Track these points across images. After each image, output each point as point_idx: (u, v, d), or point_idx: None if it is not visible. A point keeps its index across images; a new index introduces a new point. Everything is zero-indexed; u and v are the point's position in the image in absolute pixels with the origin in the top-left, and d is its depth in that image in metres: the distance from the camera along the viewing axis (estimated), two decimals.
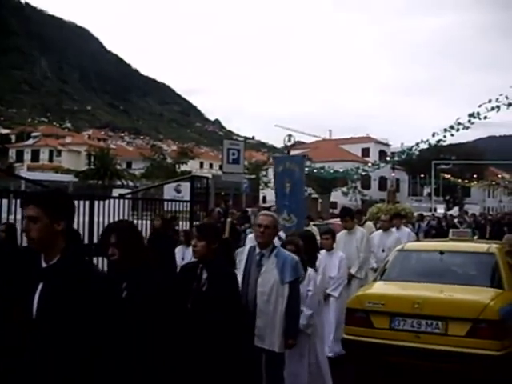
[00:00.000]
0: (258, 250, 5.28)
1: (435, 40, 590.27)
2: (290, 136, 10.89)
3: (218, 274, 4.59)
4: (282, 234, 11.21)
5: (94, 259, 7.14)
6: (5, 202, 10.83)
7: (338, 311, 7.68)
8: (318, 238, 12.56)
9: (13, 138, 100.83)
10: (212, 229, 4.89)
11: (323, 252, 7.76)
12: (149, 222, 12.80)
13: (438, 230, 22.22)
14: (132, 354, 3.25)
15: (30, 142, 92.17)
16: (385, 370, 6.40)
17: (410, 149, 23.71)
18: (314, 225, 18.32)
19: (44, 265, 2.79)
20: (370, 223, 13.33)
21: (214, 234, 4.75)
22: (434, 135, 18.95)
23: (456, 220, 26.67)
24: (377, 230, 12.01)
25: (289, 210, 9.72)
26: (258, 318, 5.02)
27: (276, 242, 10.17)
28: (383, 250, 10.02)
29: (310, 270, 5.93)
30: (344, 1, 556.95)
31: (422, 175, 66.94)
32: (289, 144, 10.95)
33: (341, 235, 9.22)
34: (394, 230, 11.51)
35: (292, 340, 5.19)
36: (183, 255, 10.13)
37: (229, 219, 9.52)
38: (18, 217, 9.98)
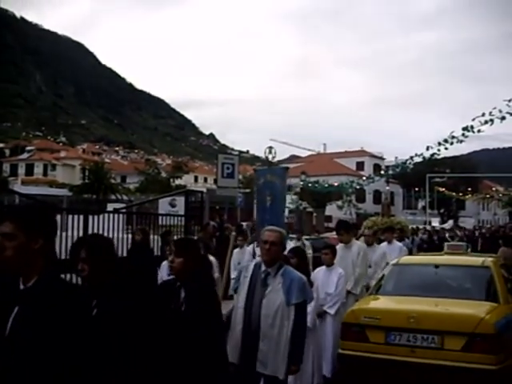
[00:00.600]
0: (263, 268, 4.92)
1: (427, 55, 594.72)
2: (270, 148, 10.53)
3: (196, 294, 4.23)
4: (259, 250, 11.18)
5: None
6: None
7: (336, 329, 7.28)
8: (310, 252, 12.59)
9: (7, 152, 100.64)
10: (191, 245, 4.59)
11: (323, 268, 7.64)
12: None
13: (429, 243, 22.22)
14: (104, 375, 2.94)
15: (25, 156, 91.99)
16: None
17: (405, 162, 23.69)
18: (309, 239, 18.34)
19: (21, 286, 2.56)
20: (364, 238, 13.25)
21: (192, 251, 4.45)
22: (428, 149, 18.90)
23: (447, 234, 26.68)
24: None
25: (269, 224, 9.46)
26: (261, 342, 4.70)
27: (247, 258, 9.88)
28: (370, 266, 9.67)
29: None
30: (340, 19, 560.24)
31: (417, 188, 67.11)
32: (270, 156, 10.59)
33: (338, 250, 8.68)
34: (383, 244, 11.53)
35: (295, 366, 4.90)
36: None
37: (233, 233, 9.36)
38: None
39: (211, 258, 10.24)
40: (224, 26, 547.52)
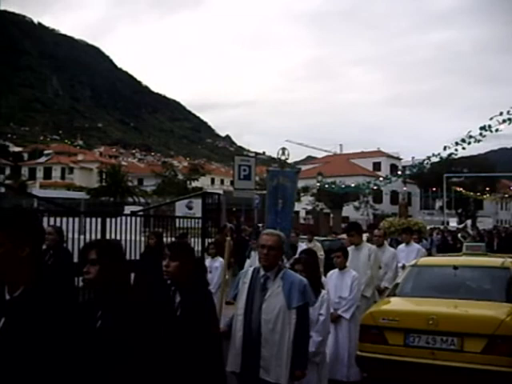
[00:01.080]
0: (262, 273, 4.76)
1: (442, 54, 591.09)
2: (284, 149, 10.25)
3: (192, 298, 4.13)
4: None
5: None
6: None
7: (351, 333, 7.17)
8: (322, 253, 12.52)
9: (25, 155, 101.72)
10: (186, 248, 4.46)
11: (335, 271, 7.52)
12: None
13: (444, 244, 22.07)
14: None
15: (43, 159, 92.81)
16: None
17: (422, 162, 23.57)
18: (326, 240, 18.30)
19: (7, 296, 2.40)
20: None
21: (187, 254, 4.32)
22: (445, 148, 18.82)
23: (460, 234, 26.45)
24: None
25: (280, 228, 8.92)
26: (262, 348, 4.53)
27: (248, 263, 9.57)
28: (380, 267, 9.54)
29: (323, 292, 5.70)
30: (354, 19, 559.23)
31: (434, 188, 66.68)
32: (283, 158, 10.32)
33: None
34: (401, 246, 11.46)
35: (300, 371, 4.70)
36: (210, 268, 10.40)
37: (228, 238, 8.83)
38: None
39: (221, 259, 10.26)
40: (238, 28, 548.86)
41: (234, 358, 4.62)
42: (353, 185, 35.31)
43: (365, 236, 12.12)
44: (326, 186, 40.61)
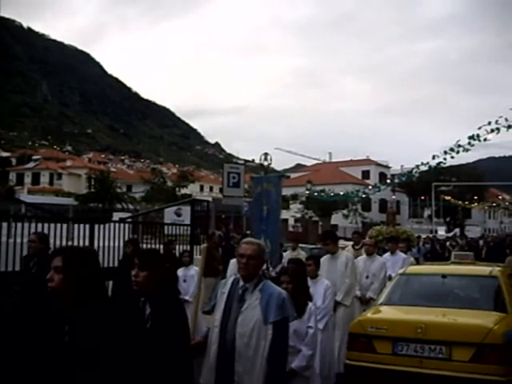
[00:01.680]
0: (241, 283, 4.51)
1: (431, 63, 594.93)
2: (266, 154, 10.12)
3: (162, 309, 3.90)
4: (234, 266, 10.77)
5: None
6: (5, 225, 10.84)
7: (324, 345, 6.71)
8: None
9: (13, 161, 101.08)
10: (155, 257, 4.23)
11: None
12: (149, 245, 12.76)
13: (432, 253, 22.11)
14: None
15: (31, 165, 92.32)
16: None
17: (411, 171, 23.71)
18: (315, 248, 18.28)
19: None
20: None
21: (157, 263, 4.09)
22: (434, 158, 18.92)
23: (448, 243, 26.53)
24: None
25: (265, 235, 8.95)
26: (236, 363, 4.29)
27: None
28: (367, 277, 9.53)
29: (310, 304, 5.43)
30: (344, 28, 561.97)
31: (423, 197, 67.00)
32: (265, 163, 10.16)
33: (324, 260, 8.36)
34: (386, 254, 11.28)
35: None
36: (184, 277, 10.21)
37: (204, 245, 8.90)
38: (18, 240, 9.98)
39: (195, 267, 10.07)
40: (228, 35, 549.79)
41: (208, 372, 4.42)
42: (342, 193, 35.42)
43: (350, 243, 12.09)
44: (315, 193, 40.72)
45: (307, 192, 41.81)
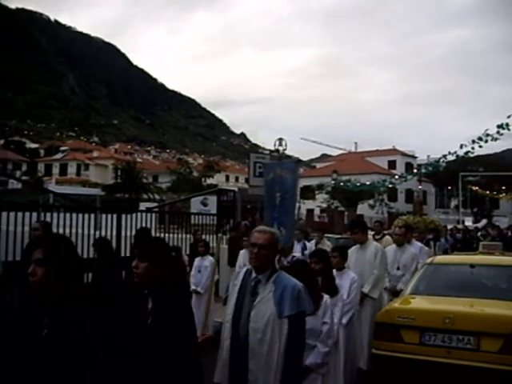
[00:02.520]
0: (253, 275, 4.21)
1: (457, 52, 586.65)
2: (280, 140, 9.81)
3: (165, 304, 3.53)
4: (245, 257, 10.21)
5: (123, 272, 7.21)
6: (34, 215, 10.99)
7: (347, 341, 6.51)
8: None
9: (41, 152, 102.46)
10: (157, 246, 3.80)
11: (333, 271, 6.60)
12: (176, 235, 12.85)
13: (463, 243, 21.83)
14: None
15: (59, 156, 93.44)
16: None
17: (438, 161, 23.49)
18: (340, 238, 18.21)
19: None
20: (388, 237, 11.90)
21: (159, 253, 3.70)
22: (461, 147, 18.73)
23: (479, 233, 26.21)
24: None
25: (278, 222, 8.66)
26: (250, 360, 4.00)
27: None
28: (398, 268, 9.08)
29: (325, 297, 5.10)
30: (370, 17, 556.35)
31: (450, 187, 66.33)
32: (280, 148, 9.87)
33: (352, 250, 8.13)
34: (407, 244, 10.16)
35: None
36: (199, 267, 10.16)
37: (220, 235, 8.62)
38: None
39: (210, 257, 9.89)
40: (253, 26, 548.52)
41: (221, 370, 4.16)
42: (368, 183, 35.26)
43: (372, 232, 11.78)
44: (341, 183, 40.56)
45: (333, 182, 41.66)
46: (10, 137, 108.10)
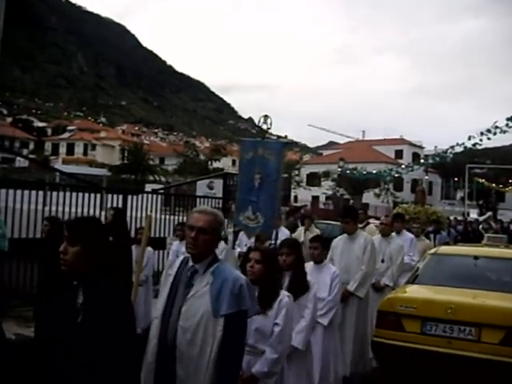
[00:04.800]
0: (190, 264, 3.52)
1: (470, 45, 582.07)
2: (266, 117, 8.57)
3: (100, 299, 2.85)
4: (243, 237, 9.72)
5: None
6: (41, 193, 11.05)
7: (328, 344, 5.78)
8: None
9: (49, 131, 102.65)
10: (91, 227, 3.03)
11: (310, 264, 5.91)
12: (181, 217, 12.88)
13: (464, 235, 21.46)
14: None
15: (66, 135, 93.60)
16: (415, 375, 6.32)
17: (445, 152, 23.48)
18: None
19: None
20: (372, 226, 11.01)
21: (94, 236, 2.98)
22: (469, 138, 18.75)
23: (481, 226, 26.11)
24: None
25: (255, 207, 7.98)
26: (177, 364, 3.34)
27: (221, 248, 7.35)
28: (382, 260, 8.19)
29: (282, 293, 4.27)
30: (381, 5, 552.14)
31: (456, 179, 66.21)
32: (264, 126, 8.59)
33: (338, 241, 7.46)
34: (393, 234, 9.33)
35: None
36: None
37: (149, 213, 7.80)
38: (53, 208, 10.18)
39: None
40: (264, 10, 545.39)
41: (147, 375, 3.42)
42: (374, 171, 35.22)
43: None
44: (348, 171, 40.52)
45: (339, 169, 41.63)
46: (17, 115, 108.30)
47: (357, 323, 7.00)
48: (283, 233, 10.70)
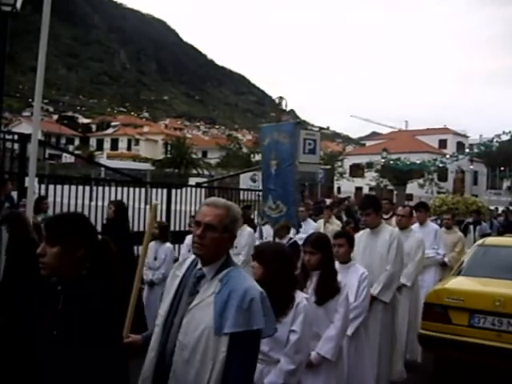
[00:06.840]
0: (198, 267, 2.94)
1: None
2: (281, 98, 8.29)
3: (80, 305, 2.50)
4: (267, 229, 8.43)
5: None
6: (87, 188, 11.25)
7: (352, 358, 4.97)
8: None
9: (93, 127, 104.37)
10: (73, 225, 2.69)
11: (335, 265, 4.90)
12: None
13: (506, 227, 20.42)
14: None
15: (110, 131, 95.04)
16: (463, 368, 6.24)
17: (491, 140, 23.07)
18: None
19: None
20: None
21: (77, 234, 2.64)
22: None
23: None
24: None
25: (274, 196, 7.45)
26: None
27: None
28: None
29: (299, 296, 3.75)
30: None
31: (502, 168, 64.81)
32: (280, 108, 8.10)
33: (360, 236, 6.39)
34: (414, 226, 8.55)
35: None
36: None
37: (154, 202, 7.38)
38: (100, 203, 10.36)
39: (168, 244, 8.22)
40: (303, 2, 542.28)
41: None
42: (418, 162, 34.79)
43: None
44: (391, 162, 40.09)
45: (383, 160, 41.25)
46: (63, 112, 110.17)
47: (382, 331, 5.95)
48: (309, 226, 10.17)
